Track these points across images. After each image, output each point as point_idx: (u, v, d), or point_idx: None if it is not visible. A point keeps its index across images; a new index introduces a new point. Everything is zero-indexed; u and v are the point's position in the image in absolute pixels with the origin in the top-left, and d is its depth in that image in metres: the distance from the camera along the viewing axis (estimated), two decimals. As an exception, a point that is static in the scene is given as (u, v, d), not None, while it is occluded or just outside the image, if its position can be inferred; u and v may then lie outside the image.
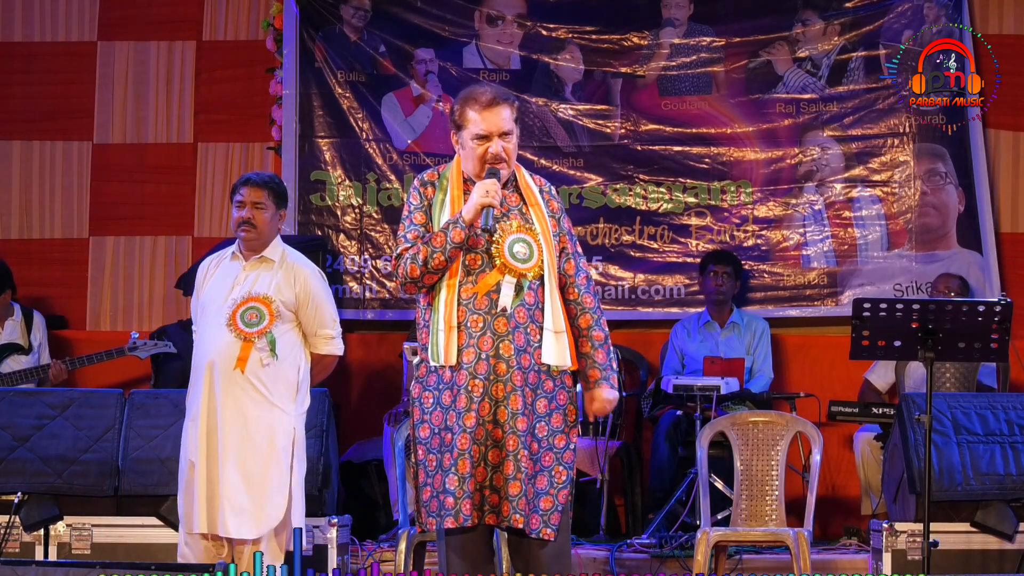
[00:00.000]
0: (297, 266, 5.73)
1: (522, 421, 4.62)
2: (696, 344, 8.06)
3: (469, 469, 4.61)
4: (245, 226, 5.67)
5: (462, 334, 4.67)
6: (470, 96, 4.77)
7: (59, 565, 4.67)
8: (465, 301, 4.69)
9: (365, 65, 8.70)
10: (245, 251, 5.71)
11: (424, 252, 4.68)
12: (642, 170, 8.58)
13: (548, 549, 4.67)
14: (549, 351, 4.69)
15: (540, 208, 4.79)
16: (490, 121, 4.72)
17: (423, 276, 4.71)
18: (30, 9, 8.85)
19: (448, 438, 4.64)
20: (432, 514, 4.68)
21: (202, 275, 5.76)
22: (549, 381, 4.70)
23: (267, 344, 5.54)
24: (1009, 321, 5.69)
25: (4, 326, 7.90)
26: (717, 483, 6.97)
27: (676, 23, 8.64)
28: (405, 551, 5.96)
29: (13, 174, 8.81)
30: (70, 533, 6.35)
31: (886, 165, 8.50)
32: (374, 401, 8.42)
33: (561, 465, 4.69)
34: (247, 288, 5.61)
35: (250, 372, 5.50)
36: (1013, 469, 6.29)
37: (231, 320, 5.54)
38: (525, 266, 4.69)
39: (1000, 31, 8.54)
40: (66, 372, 7.63)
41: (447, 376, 4.69)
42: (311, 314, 5.68)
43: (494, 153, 4.72)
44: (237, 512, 5.44)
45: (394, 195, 8.60)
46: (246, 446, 5.48)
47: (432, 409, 4.71)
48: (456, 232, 4.65)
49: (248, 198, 5.69)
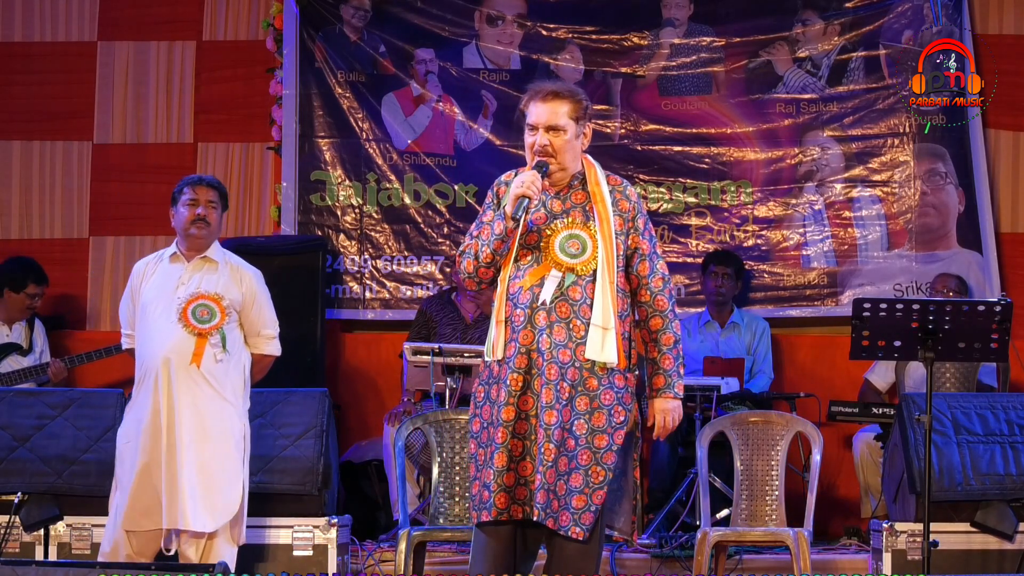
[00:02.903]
0: (241, 268, 5.86)
1: (551, 414, 4.61)
2: (696, 344, 8.06)
3: (506, 463, 4.62)
4: (200, 223, 5.76)
5: (508, 328, 4.70)
6: (536, 88, 4.82)
7: (59, 565, 4.68)
8: (513, 296, 4.71)
9: (365, 65, 8.70)
10: (188, 251, 5.80)
11: (475, 247, 4.74)
12: (642, 170, 8.58)
13: (574, 547, 4.67)
14: (593, 346, 4.67)
15: (605, 206, 4.77)
16: (538, 113, 4.75)
17: (476, 271, 4.76)
18: (30, 9, 8.85)
19: (492, 432, 4.67)
20: (475, 507, 4.71)
21: (138, 277, 5.83)
22: (593, 379, 4.69)
23: (220, 340, 5.66)
24: (1009, 321, 5.69)
25: (12, 327, 7.92)
26: (717, 483, 6.97)
27: (676, 23, 8.64)
28: (405, 551, 5.95)
29: (13, 174, 8.81)
30: (70, 533, 6.35)
31: (886, 165, 8.50)
32: (374, 401, 8.42)
33: (600, 465, 4.66)
34: (194, 286, 5.71)
35: (204, 368, 5.63)
36: (1013, 469, 6.29)
37: (182, 316, 5.64)
38: (575, 261, 4.68)
39: (1000, 31, 8.54)
40: (66, 370, 7.64)
41: (495, 370, 4.73)
42: (255, 315, 5.82)
43: (540, 145, 4.73)
44: (196, 506, 5.56)
45: (394, 195, 8.60)
46: (204, 441, 5.62)
47: (483, 403, 4.76)
48: (498, 224, 4.70)
49: (203, 197, 5.78)
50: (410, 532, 5.99)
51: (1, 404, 6.55)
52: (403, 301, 8.53)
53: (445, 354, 7.01)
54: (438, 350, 7.06)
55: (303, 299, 8.19)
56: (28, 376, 7.69)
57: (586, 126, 4.83)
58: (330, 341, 8.42)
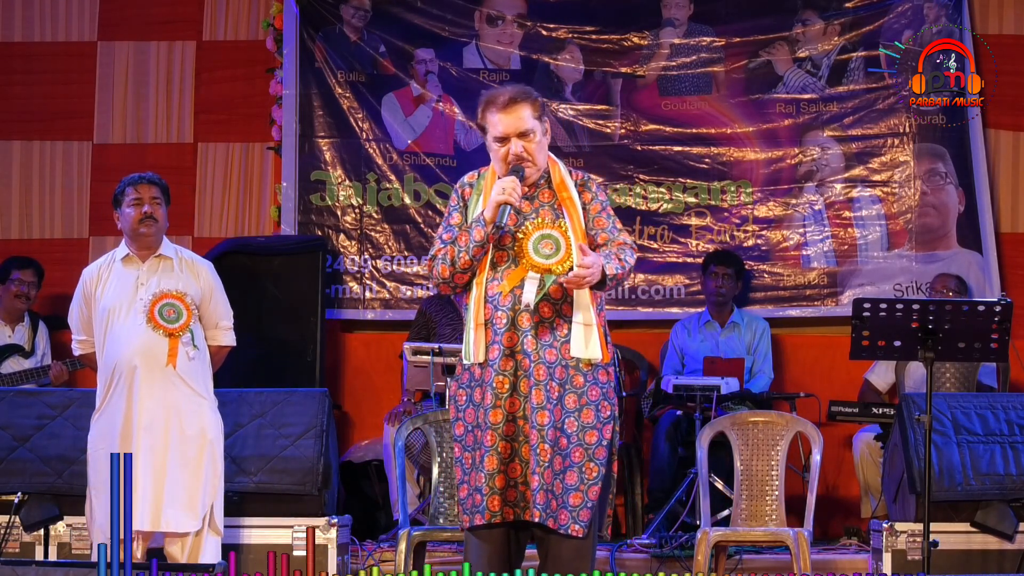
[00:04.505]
0: (196, 262, 5.88)
1: (543, 415, 4.63)
2: (696, 344, 8.06)
3: (496, 466, 4.64)
4: (148, 221, 5.76)
5: (488, 331, 4.70)
6: (490, 98, 4.81)
7: (59, 565, 4.69)
8: (492, 298, 4.72)
9: (365, 65, 8.70)
10: (141, 251, 5.80)
11: (451, 252, 4.73)
12: (642, 170, 8.58)
13: (570, 545, 4.69)
14: (578, 344, 4.69)
15: (573, 203, 4.79)
16: (507, 122, 4.75)
17: (453, 276, 4.76)
18: (30, 9, 8.85)
19: (479, 435, 4.68)
20: (467, 511, 4.71)
21: (91, 282, 5.82)
22: (579, 376, 4.71)
23: (190, 338, 5.68)
24: (1009, 321, 5.69)
25: (15, 328, 7.93)
26: (717, 483, 6.97)
27: (676, 23, 8.63)
28: (405, 551, 5.96)
29: (13, 174, 8.81)
30: (70, 533, 6.35)
31: (886, 165, 8.50)
32: (374, 401, 8.42)
33: (592, 461, 4.70)
34: (155, 286, 5.71)
35: (180, 367, 5.65)
36: (1013, 469, 6.29)
37: (151, 318, 5.64)
38: (550, 261, 4.68)
39: (1000, 31, 8.54)
40: (67, 373, 7.64)
41: (477, 373, 4.73)
42: (212, 308, 5.85)
43: (515, 154, 4.74)
44: (178, 508, 5.61)
45: (394, 195, 8.60)
46: (184, 441, 5.65)
47: (465, 406, 4.76)
48: (477, 230, 4.69)
49: (146, 195, 5.78)
50: (410, 532, 5.99)
51: (1, 404, 6.55)
52: (403, 301, 8.53)
53: (445, 354, 7.01)
54: (438, 350, 7.05)
55: (303, 299, 8.20)
56: (29, 378, 7.69)
57: (546, 121, 4.85)
58: (330, 341, 8.42)
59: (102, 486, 5.62)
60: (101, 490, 5.62)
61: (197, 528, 5.65)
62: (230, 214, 8.76)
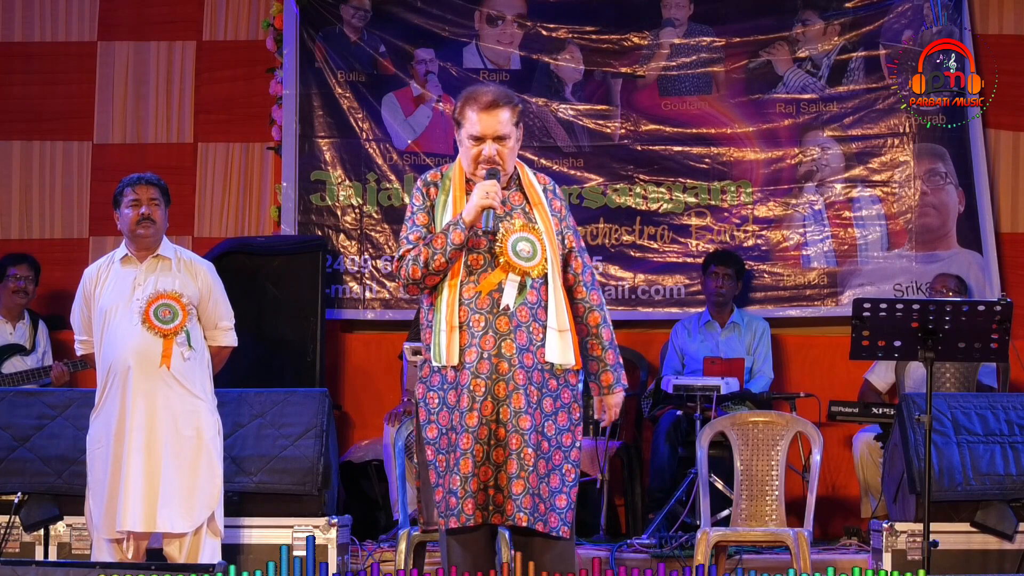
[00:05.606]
0: (195, 263, 5.88)
1: (525, 420, 4.63)
2: (696, 344, 8.06)
3: (471, 469, 4.63)
4: (146, 222, 5.77)
5: (464, 334, 4.68)
6: (471, 95, 4.80)
7: (59, 565, 4.69)
8: (467, 301, 4.70)
9: (365, 65, 8.70)
10: (139, 251, 5.80)
11: (425, 254, 4.69)
12: (642, 170, 8.58)
13: (560, 547, 4.69)
14: (553, 349, 4.71)
15: (543, 207, 4.81)
16: (486, 124, 4.74)
17: (424, 278, 4.72)
18: (30, 9, 8.85)
19: (454, 438, 4.66)
20: (441, 514, 4.70)
21: (91, 283, 5.83)
22: (553, 380, 4.73)
23: (185, 338, 5.68)
24: (1009, 321, 5.69)
25: (16, 327, 7.93)
26: (717, 483, 6.97)
27: (676, 23, 8.64)
28: (405, 551, 5.96)
29: (13, 174, 8.81)
30: (70, 533, 6.35)
31: (886, 165, 8.50)
32: (374, 401, 8.42)
33: (569, 463, 4.74)
34: (151, 287, 5.71)
35: (174, 368, 5.65)
36: (1013, 469, 6.29)
37: (145, 318, 5.64)
38: (528, 264, 4.69)
39: (1000, 31, 8.54)
40: (68, 374, 7.63)
41: (451, 376, 4.71)
42: (211, 308, 5.83)
43: (487, 156, 4.74)
44: (173, 509, 5.59)
45: (394, 195, 8.60)
46: (179, 441, 5.64)
47: (439, 409, 4.74)
48: (456, 234, 4.67)
49: (144, 196, 5.78)
50: (410, 532, 5.99)
51: (1, 404, 6.56)
52: (403, 301, 8.53)
53: (445, 354, 7.00)
54: (438, 350, 7.04)
55: (303, 299, 8.20)
56: (30, 378, 7.69)
57: (521, 127, 4.85)
58: (330, 341, 8.42)
59: (97, 486, 5.63)
60: (96, 490, 5.63)
61: (192, 529, 5.64)
62: (230, 214, 8.76)
